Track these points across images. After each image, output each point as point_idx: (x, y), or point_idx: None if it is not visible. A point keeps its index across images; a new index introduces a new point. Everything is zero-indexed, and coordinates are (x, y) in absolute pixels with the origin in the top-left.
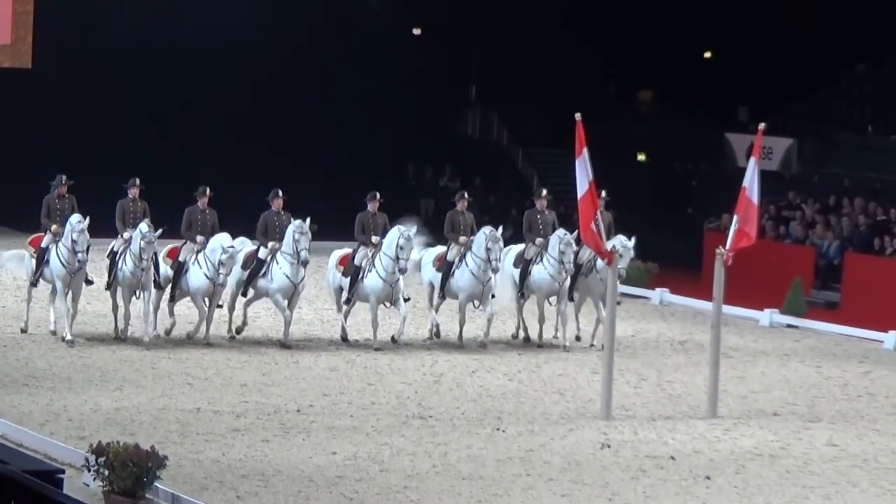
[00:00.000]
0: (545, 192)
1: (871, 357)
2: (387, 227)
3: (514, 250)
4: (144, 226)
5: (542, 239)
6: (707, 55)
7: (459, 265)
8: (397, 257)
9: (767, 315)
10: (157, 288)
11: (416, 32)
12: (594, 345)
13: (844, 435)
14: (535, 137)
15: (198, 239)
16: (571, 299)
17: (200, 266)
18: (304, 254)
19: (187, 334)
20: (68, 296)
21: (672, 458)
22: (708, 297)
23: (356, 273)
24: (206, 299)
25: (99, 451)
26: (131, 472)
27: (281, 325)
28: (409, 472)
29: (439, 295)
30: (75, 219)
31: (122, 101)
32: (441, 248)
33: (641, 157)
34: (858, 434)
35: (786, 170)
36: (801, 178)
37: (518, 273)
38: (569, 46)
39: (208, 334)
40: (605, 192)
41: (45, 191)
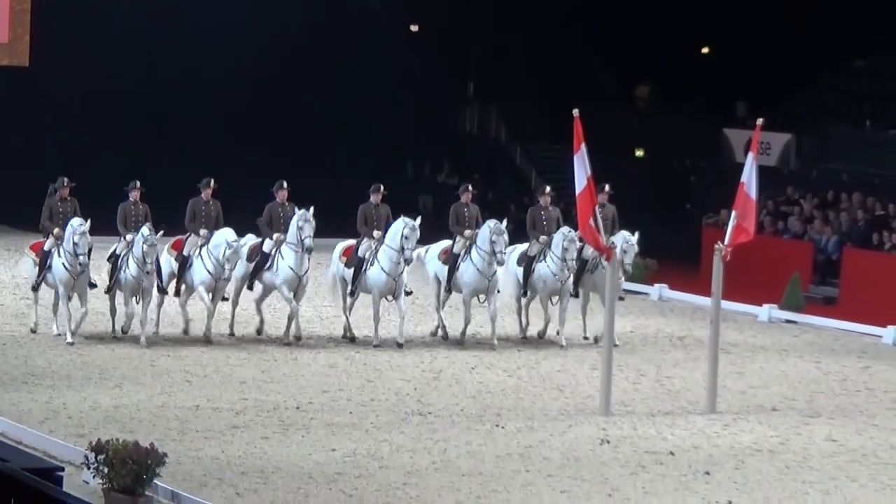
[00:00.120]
0: (548, 189)
1: (870, 352)
2: (389, 220)
3: (518, 249)
4: (146, 229)
5: (545, 237)
6: (705, 51)
7: (464, 259)
8: (402, 248)
9: (766, 310)
10: (160, 293)
11: (413, 29)
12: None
13: (843, 430)
14: (533, 133)
15: (201, 232)
16: (576, 296)
17: (203, 261)
18: (308, 241)
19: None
20: (73, 299)
21: (671, 453)
22: (707, 292)
23: (360, 264)
24: (210, 294)
25: (98, 448)
26: (131, 469)
27: (280, 322)
28: (409, 468)
29: (445, 289)
30: (76, 222)
31: (121, 100)
32: (445, 243)
33: (639, 152)
34: (857, 429)
35: (784, 165)
36: (799, 173)
37: (521, 271)
38: (569, 46)
39: (209, 329)
40: (608, 187)
41: (43, 189)
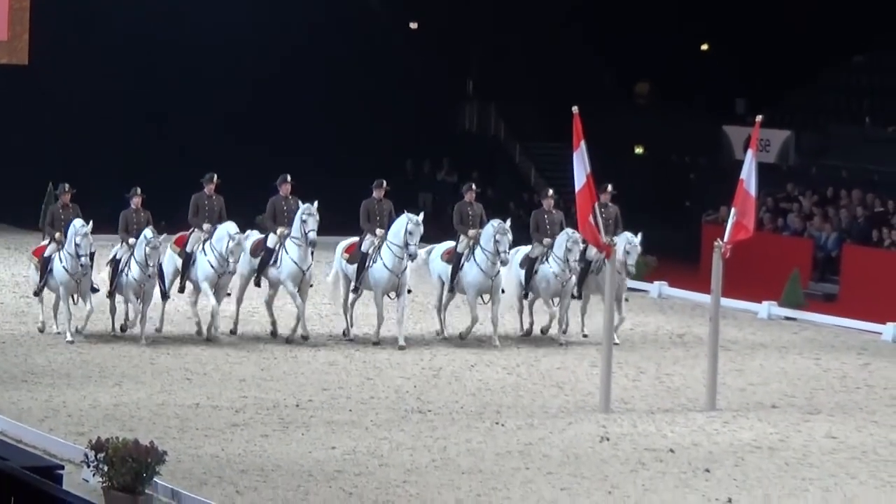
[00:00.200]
0: (552, 191)
1: (870, 349)
2: (392, 215)
3: (521, 251)
4: (149, 231)
5: (549, 239)
6: (704, 47)
7: (468, 259)
8: (406, 243)
9: (766, 307)
10: (163, 299)
11: (413, 27)
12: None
13: (843, 427)
14: (532, 131)
15: (204, 227)
16: (579, 297)
17: (207, 255)
18: (312, 234)
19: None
20: (77, 300)
21: (671, 450)
22: (706, 289)
23: (363, 260)
24: (213, 290)
25: (98, 446)
26: (131, 467)
27: (288, 322)
28: (409, 466)
29: (448, 289)
30: (78, 223)
31: (121, 100)
32: (450, 244)
33: (639, 150)
34: (857, 426)
35: (783, 162)
36: (798, 169)
37: (523, 274)
38: (569, 45)
39: (214, 329)
40: (610, 187)
41: (43, 188)
